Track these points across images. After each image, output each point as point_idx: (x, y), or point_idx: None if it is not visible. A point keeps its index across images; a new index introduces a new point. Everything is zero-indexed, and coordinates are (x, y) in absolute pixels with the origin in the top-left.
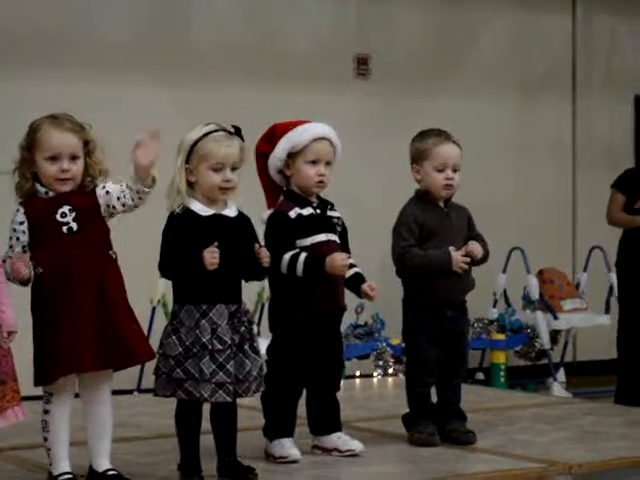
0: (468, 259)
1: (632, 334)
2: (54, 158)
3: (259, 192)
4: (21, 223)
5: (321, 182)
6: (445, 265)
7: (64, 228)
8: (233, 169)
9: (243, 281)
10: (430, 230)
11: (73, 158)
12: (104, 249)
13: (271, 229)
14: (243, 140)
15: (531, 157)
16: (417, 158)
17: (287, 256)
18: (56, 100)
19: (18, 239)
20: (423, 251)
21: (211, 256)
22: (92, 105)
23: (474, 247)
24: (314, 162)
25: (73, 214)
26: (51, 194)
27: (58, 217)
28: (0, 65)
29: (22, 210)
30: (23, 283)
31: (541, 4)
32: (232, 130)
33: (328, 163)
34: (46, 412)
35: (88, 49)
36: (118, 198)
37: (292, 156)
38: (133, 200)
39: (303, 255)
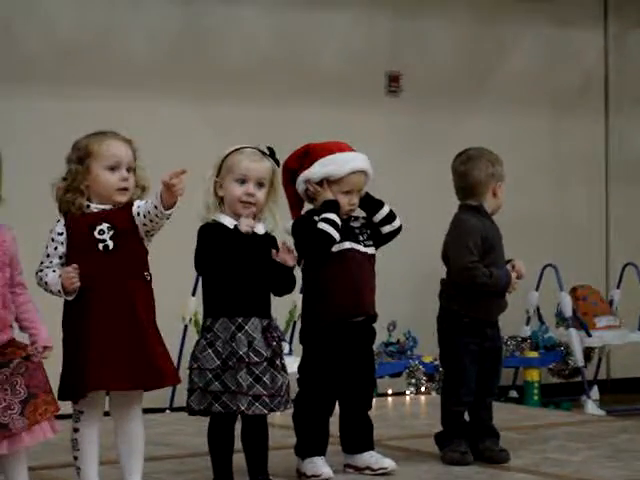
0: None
1: None
2: (113, 168)
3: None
4: (60, 234)
5: (351, 210)
6: (506, 286)
7: (100, 245)
8: (259, 185)
9: (276, 297)
10: (491, 244)
11: (128, 170)
12: (138, 270)
13: (297, 230)
14: (278, 163)
15: (564, 174)
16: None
17: (313, 230)
18: (86, 118)
19: (56, 249)
20: (488, 270)
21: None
22: (123, 122)
23: (522, 265)
24: (348, 192)
25: (111, 232)
26: (93, 209)
27: (96, 234)
28: (30, 83)
29: (62, 221)
30: (68, 294)
31: (573, 19)
32: (266, 151)
33: (359, 191)
34: (76, 430)
35: (118, 67)
36: (144, 215)
37: (326, 182)
38: (157, 217)
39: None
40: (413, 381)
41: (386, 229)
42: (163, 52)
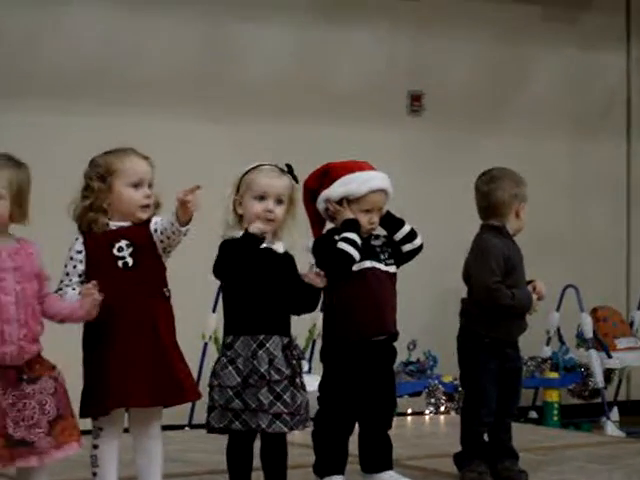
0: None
1: None
2: (137, 185)
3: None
4: (79, 252)
5: (372, 229)
6: (527, 307)
7: (119, 263)
8: (278, 202)
9: (296, 316)
10: (512, 265)
11: (149, 186)
12: (158, 286)
13: (317, 250)
14: (296, 180)
15: (585, 195)
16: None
17: (333, 249)
18: (109, 136)
19: (75, 267)
20: (510, 291)
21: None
22: (145, 141)
23: (542, 286)
24: (368, 210)
25: (130, 249)
26: (112, 226)
27: (115, 251)
28: (54, 101)
29: (81, 239)
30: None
31: (595, 41)
32: (284, 168)
33: (379, 210)
34: (95, 447)
35: (140, 86)
36: (161, 232)
37: (346, 201)
38: (173, 234)
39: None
40: (433, 401)
41: (407, 248)
42: (185, 70)
